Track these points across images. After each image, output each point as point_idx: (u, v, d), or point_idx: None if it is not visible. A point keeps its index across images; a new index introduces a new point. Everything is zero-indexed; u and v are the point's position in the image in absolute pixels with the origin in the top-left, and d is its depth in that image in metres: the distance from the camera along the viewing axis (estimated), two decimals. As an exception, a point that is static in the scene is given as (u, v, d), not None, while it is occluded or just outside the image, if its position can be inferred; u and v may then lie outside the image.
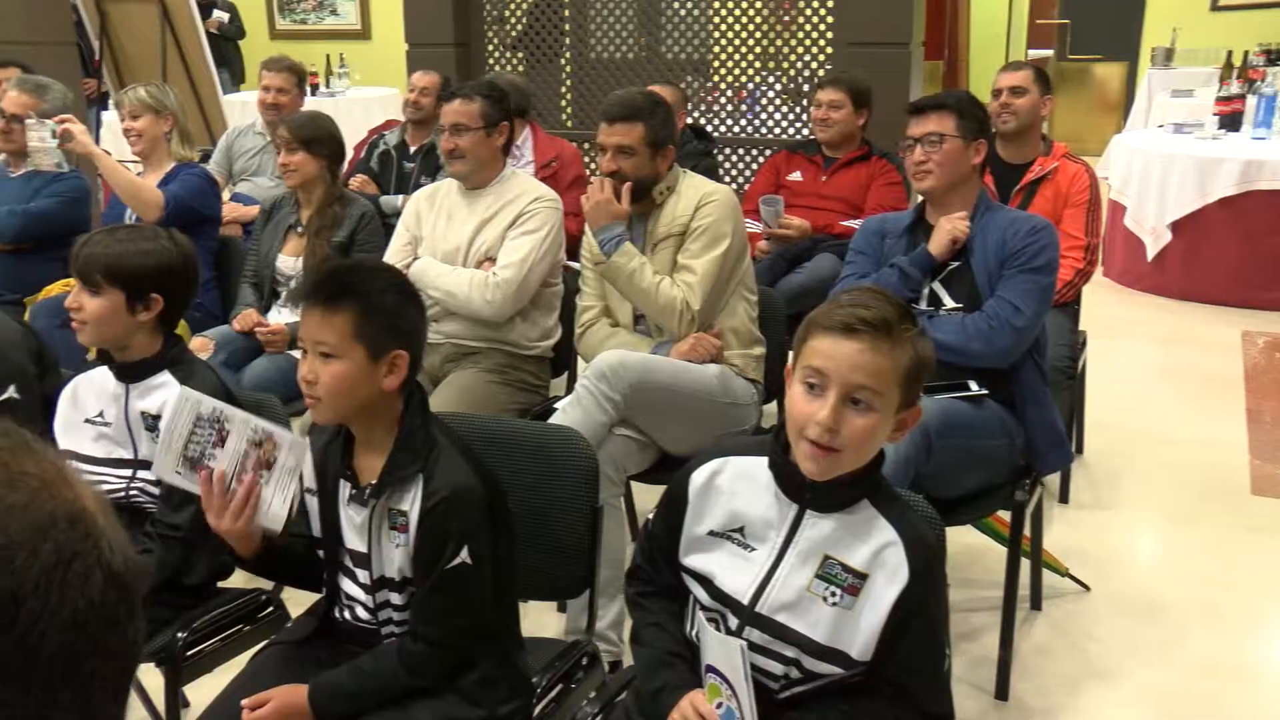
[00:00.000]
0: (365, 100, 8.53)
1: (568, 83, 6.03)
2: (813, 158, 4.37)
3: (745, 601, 1.70)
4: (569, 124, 6.01)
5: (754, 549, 1.71)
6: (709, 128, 5.36)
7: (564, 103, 6.07)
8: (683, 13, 5.66)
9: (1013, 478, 2.77)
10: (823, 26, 5.25)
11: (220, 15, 8.97)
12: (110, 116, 5.78)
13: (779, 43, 5.49)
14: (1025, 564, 2.93)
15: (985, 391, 2.71)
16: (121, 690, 0.74)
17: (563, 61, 6.00)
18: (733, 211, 2.99)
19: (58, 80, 4.35)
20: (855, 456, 1.62)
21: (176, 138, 4.03)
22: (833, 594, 1.64)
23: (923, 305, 2.78)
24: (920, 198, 2.91)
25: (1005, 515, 2.79)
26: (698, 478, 1.78)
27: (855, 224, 3.89)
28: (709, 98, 5.73)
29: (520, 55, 5.98)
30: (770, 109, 5.51)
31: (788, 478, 1.69)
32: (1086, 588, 3.23)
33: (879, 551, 1.64)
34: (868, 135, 4.33)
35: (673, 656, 1.80)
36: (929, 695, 1.69)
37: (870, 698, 1.69)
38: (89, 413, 2.35)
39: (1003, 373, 2.74)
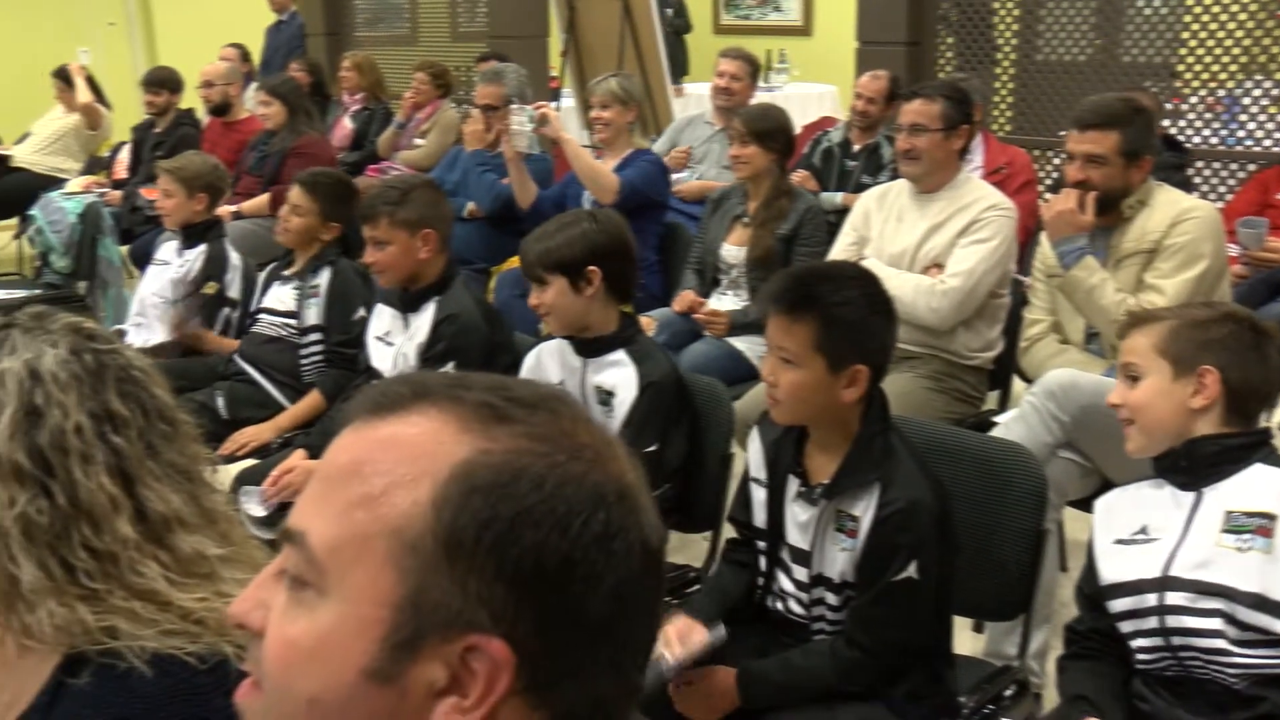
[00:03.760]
0: (802, 96, 8.59)
1: (1007, 85, 5.76)
2: (1311, 174, 3.92)
3: (1157, 574, 1.75)
4: (1007, 127, 5.74)
5: (1158, 539, 1.79)
6: (1180, 138, 4.95)
7: (1002, 106, 5.80)
8: (1159, 13, 5.23)
9: None
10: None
11: (668, 10, 9.38)
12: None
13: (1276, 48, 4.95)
14: None
15: None
16: (647, 653, 0.78)
17: (1004, 63, 5.73)
18: (1213, 231, 2.75)
19: (529, 70, 4.76)
20: (1147, 422, 1.84)
21: (639, 126, 4.25)
22: (1245, 540, 1.70)
23: None
24: None
25: None
26: (1100, 505, 1.94)
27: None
28: (1171, 104, 5.28)
29: (950, 40, 5.79)
30: (1260, 118, 4.97)
31: (1173, 472, 1.81)
32: None
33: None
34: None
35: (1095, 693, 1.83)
36: None
37: None
38: (551, 381, 2.53)
39: None
